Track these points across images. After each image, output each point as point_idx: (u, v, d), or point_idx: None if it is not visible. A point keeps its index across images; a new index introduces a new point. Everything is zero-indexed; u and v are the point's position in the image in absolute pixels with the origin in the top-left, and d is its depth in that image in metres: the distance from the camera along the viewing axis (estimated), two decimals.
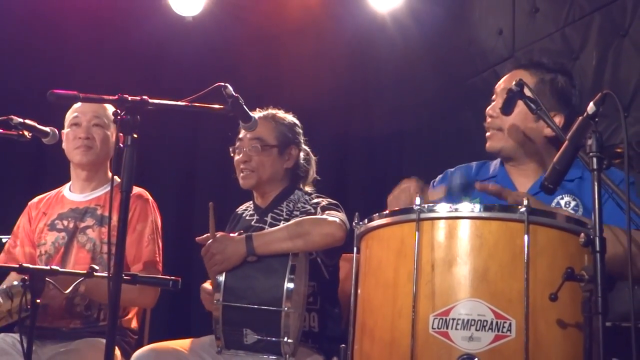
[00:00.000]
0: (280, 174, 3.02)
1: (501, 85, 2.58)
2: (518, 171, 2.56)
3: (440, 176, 2.67)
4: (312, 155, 3.18)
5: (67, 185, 3.29)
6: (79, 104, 3.22)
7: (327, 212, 2.77)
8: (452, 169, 2.70)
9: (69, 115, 3.24)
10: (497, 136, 2.54)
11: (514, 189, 2.52)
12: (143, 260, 3.04)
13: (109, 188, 3.14)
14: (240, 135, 3.02)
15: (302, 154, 3.11)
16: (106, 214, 3.08)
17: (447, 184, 2.51)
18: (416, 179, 2.41)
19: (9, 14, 4.53)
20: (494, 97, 2.60)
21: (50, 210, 3.22)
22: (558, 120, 2.47)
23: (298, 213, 2.89)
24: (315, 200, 2.91)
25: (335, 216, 2.71)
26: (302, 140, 3.12)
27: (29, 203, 3.31)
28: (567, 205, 2.43)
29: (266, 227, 2.89)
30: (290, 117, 3.12)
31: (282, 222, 2.87)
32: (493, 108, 2.56)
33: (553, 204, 2.42)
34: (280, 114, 3.10)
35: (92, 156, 3.16)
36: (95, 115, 3.17)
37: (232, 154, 3.04)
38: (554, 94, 2.50)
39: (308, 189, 3.11)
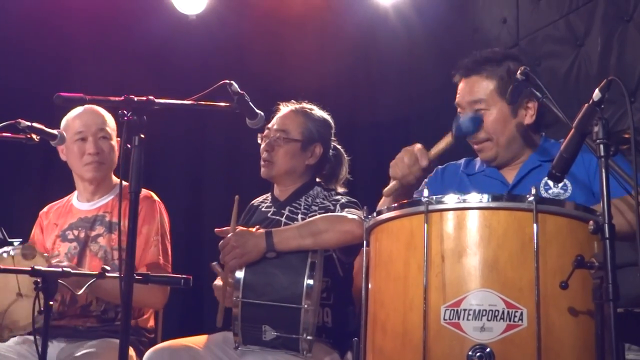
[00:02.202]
0: (300, 169, 3.01)
1: (465, 97, 2.55)
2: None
3: (430, 175, 2.63)
4: (344, 155, 3.16)
5: (75, 193, 3.26)
6: (76, 114, 3.12)
7: (346, 209, 2.77)
8: (441, 166, 2.71)
9: (71, 127, 3.10)
10: (487, 146, 2.54)
11: (504, 179, 2.55)
12: (145, 263, 3.01)
13: (115, 194, 3.14)
14: (269, 125, 3.02)
15: (330, 152, 3.08)
16: (115, 220, 3.07)
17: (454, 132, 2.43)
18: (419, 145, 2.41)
19: (11, 16, 4.54)
20: (460, 110, 2.57)
21: (61, 220, 3.20)
22: (532, 105, 2.50)
23: (316, 208, 2.88)
24: (335, 198, 2.91)
25: (355, 214, 2.69)
26: (331, 140, 3.09)
27: (40, 213, 3.30)
28: (555, 186, 2.44)
29: (282, 219, 2.90)
30: (322, 115, 3.09)
31: (300, 216, 2.87)
32: None
33: (542, 183, 2.44)
34: (314, 110, 3.08)
35: (105, 171, 3.13)
36: (100, 128, 3.09)
37: (259, 141, 3.04)
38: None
39: (340, 189, 3.08)
